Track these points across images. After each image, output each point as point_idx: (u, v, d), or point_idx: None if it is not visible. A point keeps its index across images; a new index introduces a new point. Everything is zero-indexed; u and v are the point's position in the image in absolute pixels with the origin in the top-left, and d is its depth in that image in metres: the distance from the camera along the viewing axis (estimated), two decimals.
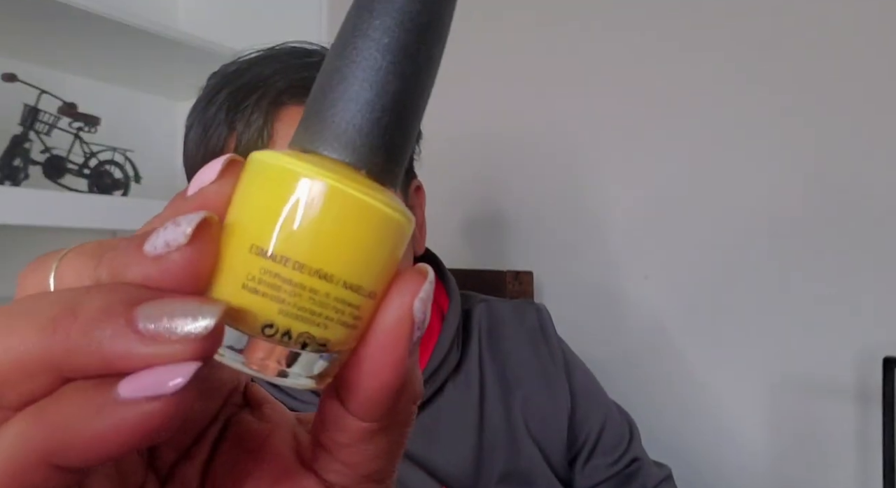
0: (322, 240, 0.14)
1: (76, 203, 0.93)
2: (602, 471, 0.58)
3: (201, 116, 0.50)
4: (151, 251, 0.13)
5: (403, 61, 0.15)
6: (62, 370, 0.12)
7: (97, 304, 0.12)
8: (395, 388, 0.15)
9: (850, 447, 0.71)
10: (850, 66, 0.73)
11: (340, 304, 0.14)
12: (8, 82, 0.93)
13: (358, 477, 0.17)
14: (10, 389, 0.13)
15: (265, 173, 0.14)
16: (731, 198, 0.81)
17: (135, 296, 0.13)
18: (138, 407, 0.12)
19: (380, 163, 0.15)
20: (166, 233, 0.13)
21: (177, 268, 0.13)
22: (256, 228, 0.14)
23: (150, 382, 0.12)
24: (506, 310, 0.63)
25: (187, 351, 0.12)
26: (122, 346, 0.12)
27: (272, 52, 0.51)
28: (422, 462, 0.51)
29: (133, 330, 0.12)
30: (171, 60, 1.14)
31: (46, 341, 0.12)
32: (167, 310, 0.12)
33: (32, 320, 0.12)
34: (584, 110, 0.94)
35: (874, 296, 0.70)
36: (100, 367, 0.12)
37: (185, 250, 0.13)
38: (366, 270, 0.15)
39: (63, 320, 0.12)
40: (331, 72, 0.16)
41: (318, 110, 0.15)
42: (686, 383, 0.84)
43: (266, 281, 0.14)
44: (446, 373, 0.55)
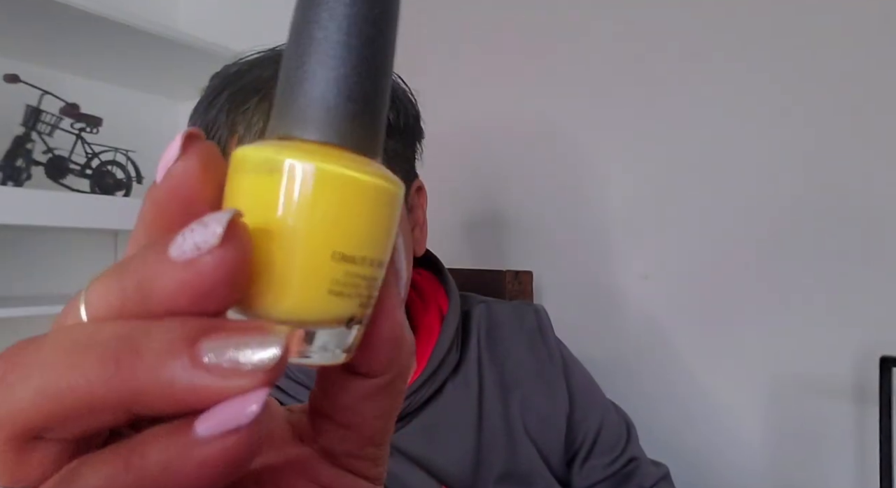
0: (372, 230, 0.15)
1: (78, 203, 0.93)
2: (599, 471, 0.59)
3: (202, 118, 0.50)
4: (180, 256, 0.13)
5: (362, 33, 0.15)
6: (127, 406, 0.12)
7: (160, 341, 0.12)
8: (399, 336, 0.16)
9: (848, 446, 0.71)
10: (849, 67, 0.73)
11: (379, 282, 0.16)
12: (10, 83, 0.94)
13: (360, 439, 0.18)
14: (70, 425, 0.13)
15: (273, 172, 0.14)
16: (731, 198, 0.81)
17: (195, 330, 0.13)
18: (219, 443, 0.12)
19: (362, 136, 0.16)
20: (194, 235, 0.13)
21: (212, 271, 0.13)
22: (328, 233, 0.14)
23: (226, 417, 0.12)
24: (504, 311, 0.63)
25: (256, 382, 0.12)
26: (190, 383, 0.12)
27: (273, 54, 0.52)
28: (421, 461, 0.52)
29: (198, 366, 0.12)
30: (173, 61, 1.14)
31: (112, 381, 0.12)
32: (231, 343, 0.12)
33: (90, 354, 0.12)
34: (583, 111, 0.94)
35: (871, 295, 0.71)
36: (167, 404, 0.12)
37: (216, 252, 0.13)
38: (388, 247, 0.16)
39: (126, 358, 0.12)
40: (293, 52, 0.16)
41: (288, 96, 0.16)
42: (684, 382, 0.84)
43: (350, 282, 0.14)
44: (445, 374, 0.55)
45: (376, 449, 0.18)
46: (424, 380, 0.53)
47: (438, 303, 0.60)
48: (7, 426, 0.13)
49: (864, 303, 0.71)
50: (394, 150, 0.52)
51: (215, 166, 0.15)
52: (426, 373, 0.53)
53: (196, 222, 0.13)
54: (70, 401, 0.12)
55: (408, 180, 0.55)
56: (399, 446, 0.51)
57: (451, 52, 1.09)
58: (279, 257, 0.14)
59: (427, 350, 0.55)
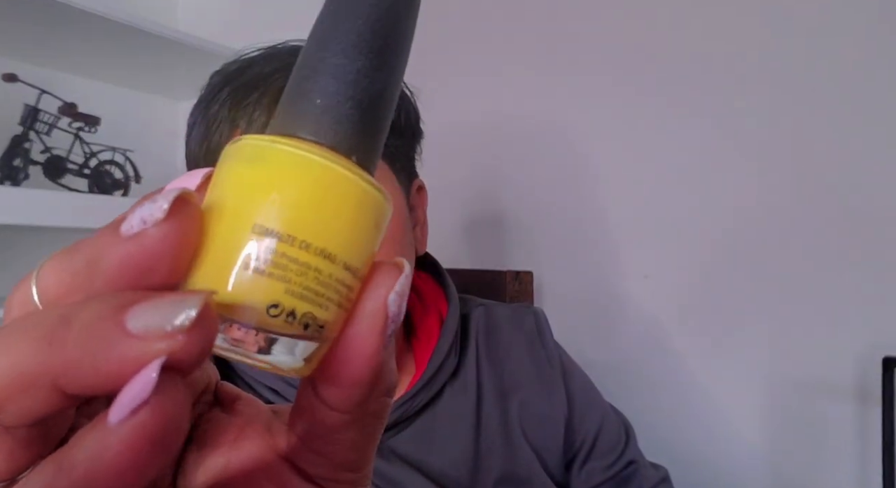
0: (323, 219, 0.14)
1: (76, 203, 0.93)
2: (598, 474, 0.58)
3: (204, 114, 0.50)
4: (128, 230, 0.13)
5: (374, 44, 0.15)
6: (59, 383, 0.12)
7: (91, 313, 0.12)
8: (368, 380, 0.15)
9: (850, 447, 0.71)
10: (848, 66, 0.73)
11: (339, 285, 0.14)
12: (8, 82, 0.94)
13: (333, 466, 0.17)
14: (10, 406, 0.12)
15: (257, 156, 0.14)
16: (731, 198, 0.81)
17: (125, 300, 0.12)
18: (130, 423, 0.12)
19: (360, 145, 0.15)
20: (142, 210, 0.13)
21: (155, 243, 0.13)
22: (256, 208, 0.14)
23: (130, 395, 0.12)
24: (503, 314, 0.63)
25: (179, 345, 0.12)
26: (115, 351, 0.12)
27: (274, 51, 0.52)
28: (420, 466, 0.51)
29: (123, 331, 0.12)
30: (172, 60, 1.14)
31: (42, 355, 0.12)
32: (155, 307, 0.12)
33: (28, 335, 0.12)
34: (583, 111, 0.94)
35: (874, 296, 0.70)
36: (95, 375, 0.12)
37: (162, 225, 0.13)
38: (360, 251, 0.15)
39: (58, 331, 0.12)
40: (306, 60, 0.16)
41: (295, 101, 0.15)
42: (685, 383, 0.84)
43: (271, 260, 0.13)
44: (444, 378, 0.55)
45: (352, 475, 0.17)
46: (423, 385, 0.53)
47: (438, 307, 0.59)
48: None
49: (867, 303, 0.71)
50: (395, 148, 0.52)
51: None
52: (425, 378, 0.53)
53: (146, 198, 0.13)
54: (4, 380, 0.12)
55: (408, 179, 0.55)
56: (397, 450, 0.51)
57: (451, 52, 1.09)
58: (208, 234, 0.14)
59: (426, 354, 0.55)
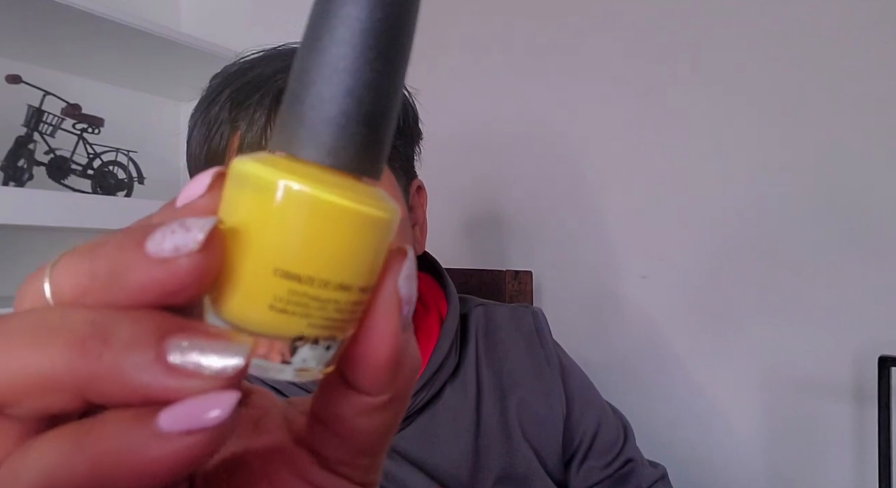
0: (339, 254, 0.14)
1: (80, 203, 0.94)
2: (597, 473, 0.59)
3: (204, 116, 0.50)
4: (157, 253, 0.13)
5: (372, 55, 0.15)
6: (83, 391, 0.12)
7: (128, 333, 0.12)
8: (393, 361, 0.16)
9: (846, 446, 0.71)
10: (847, 66, 0.73)
11: (355, 306, 0.15)
12: (12, 84, 0.94)
13: (353, 450, 0.18)
14: (27, 402, 0.13)
15: (265, 191, 0.14)
16: (729, 198, 0.81)
17: (164, 327, 0.13)
18: (180, 440, 0.12)
19: (369, 162, 0.15)
20: (175, 237, 0.13)
21: (184, 273, 0.13)
22: (275, 249, 0.14)
23: (190, 415, 0.12)
24: (502, 314, 0.64)
25: (216, 387, 0.12)
26: (151, 379, 0.12)
27: (274, 53, 0.52)
28: (420, 463, 0.52)
29: (162, 363, 0.12)
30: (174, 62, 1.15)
31: (75, 363, 0.12)
32: (197, 346, 0.13)
33: (58, 337, 0.12)
34: (583, 111, 0.95)
35: (870, 295, 0.71)
36: (124, 395, 0.12)
37: (195, 257, 0.13)
38: (371, 272, 0.15)
39: (92, 344, 0.12)
40: (301, 70, 0.16)
41: (292, 111, 0.15)
42: (682, 382, 0.84)
43: (294, 300, 0.14)
44: (444, 377, 0.55)
45: (370, 460, 0.18)
46: (423, 383, 0.53)
47: (438, 307, 0.60)
48: None
49: (863, 302, 0.71)
50: (395, 148, 0.53)
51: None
52: (425, 377, 0.53)
53: (177, 222, 0.13)
54: (28, 379, 0.12)
55: (408, 179, 0.56)
56: (398, 448, 0.52)
57: (450, 53, 1.10)
58: (234, 265, 0.14)
59: (426, 353, 0.55)
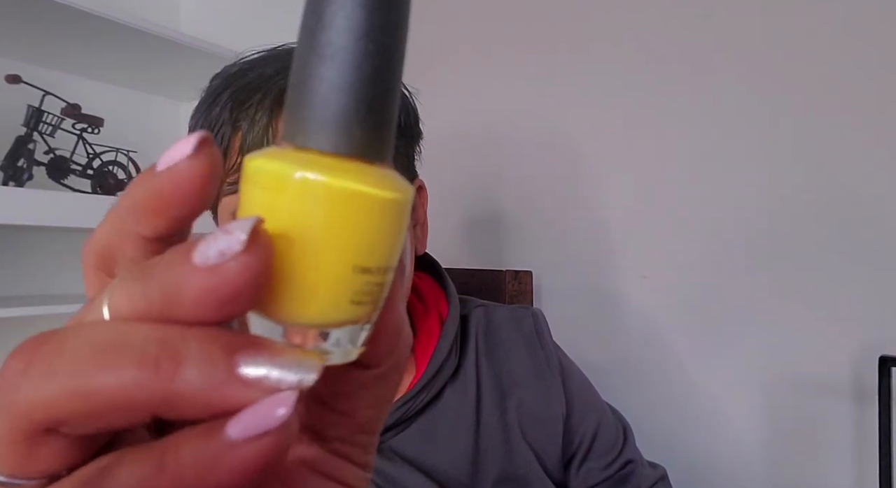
0: (386, 240, 0.15)
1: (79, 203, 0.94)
2: (596, 474, 0.59)
3: (205, 117, 0.50)
4: (204, 262, 0.13)
5: (372, 38, 0.15)
6: (156, 410, 0.13)
7: (198, 349, 0.13)
8: (398, 330, 0.17)
9: (847, 446, 0.71)
10: (848, 66, 0.73)
11: (389, 284, 0.16)
12: (12, 83, 0.94)
13: (352, 426, 0.18)
14: (91, 423, 0.13)
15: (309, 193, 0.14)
16: (729, 198, 0.81)
17: (234, 342, 0.13)
18: (252, 445, 0.13)
19: (382, 147, 0.16)
20: (218, 242, 0.13)
21: (236, 276, 0.13)
22: (348, 247, 0.15)
23: (257, 420, 0.13)
24: (502, 315, 0.64)
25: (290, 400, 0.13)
26: (226, 394, 0.13)
27: (274, 53, 0.52)
28: (420, 465, 0.52)
29: (235, 378, 0.13)
30: (174, 62, 1.15)
31: (150, 383, 0.12)
32: (269, 362, 0.13)
33: (131, 358, 0.13)
34: (583, 112, 0.95)
35: (870, 295, 0.71)
36: (195, 411, 0.13)
37: (241, 258, 0.13)
38: (399, 252, 0.16)
39: (165, 363, 0.12)
40: (301, 58, 0.16)
41: (296, 101, 0.16)
42: (682, 382, 0.84)
43: (367, 291, 0.15)
44: (444, 379, 0.55)
45: (367, 437, 0.19)
46: (424, 385, 0.53)
47: (438, 308, 0.60)
48: (24, 419, 0.13)
49: (863, 302, 0.71)
50: (395, 149, 0.52)
51: (217, 176, 0.15)
52: (425, 378, 0.53)
53: (219, 229, 0.14)
54: (99, 400, 0.12)
55: (408, 179, 0.56)
56: (398, 449, 0.52)
57: (450, 53, 1.10)
58: (302, 268, 0.15)
59: (427, 354, 0.55)
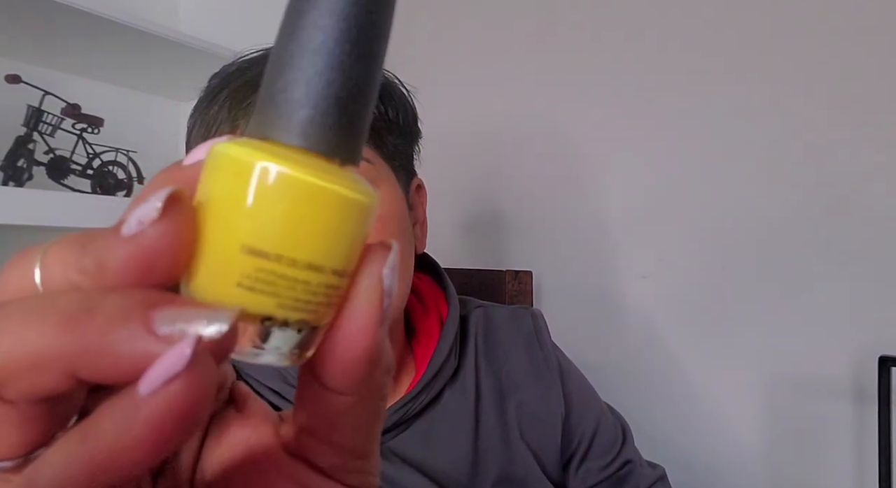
0: (308, 233, 0.14)
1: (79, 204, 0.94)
2: (595, 474, 0.59)
3: (204, 116, 0.50)
4: (127, 231, 0.14)
5: (342, 37, 0.15)
6: (74, 367, 0.13)
7: (115, 306, 0.13)
8: (369, 357, 0.16)
9: (846, 446, 0.71)
10: (850, 66, 0.73)
11: (329, 289, 0.15)
12: (12, 83, 0.94)
13: (341, 453, 0.18)
14: (16, 382, 0.13)
15: (237, 169, 0.14)
16: (730, 198, 0.81)
17: (151, 300, 0.13)
18: (161, 395, 0.12)
19: (343, 145, 0.15)
20: (138, 211, 0.14)
21: (153, 243, 0.13)
22: (244, 226, 0.14)
23: (162, 368, 0.12)
24: (502, 315, 0.64)
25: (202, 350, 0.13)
26: (139, 347, 0.12)
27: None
28: (420, 466, 0.52)
29: (149, 332, 0.13)
30: (174, 62, 1.15)
31: (63, 338, 0.12)
32: (184, 314, 0.13)
33: (49, 316, 0.13)
34: (582, 111, 0.95)
35: (870, 295, 0.71)
36: (113, 366, 0.13)
37: (157, 225, 0.13)
38: (347, 255, 0.15)
39: (81, 319, 0.13)
40: (274, 57, 0.15)
41: (267, 96, 0.15)
42: (682, 382, 0.84)
43: (261, 278, 0.14)
44: (444, 380, 0.55)
45: (362, 462, 0.18)
46: (423, 386, 0.53)
47: (438, 309, 0.60)
48: None
49: (863, 302, 0.71)
50: (395, 147, 0.53)
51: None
52: (425, 379, 0.53)
53: (140, 199, 0.14)
54: (18, 356, 0.13)
55: (408, 178, 0.56)
56: (397, 451, 0.52)
57: (450, 52, 1.10)
58: (204, 244, 0.14)
59: (426, 355, 0.55)
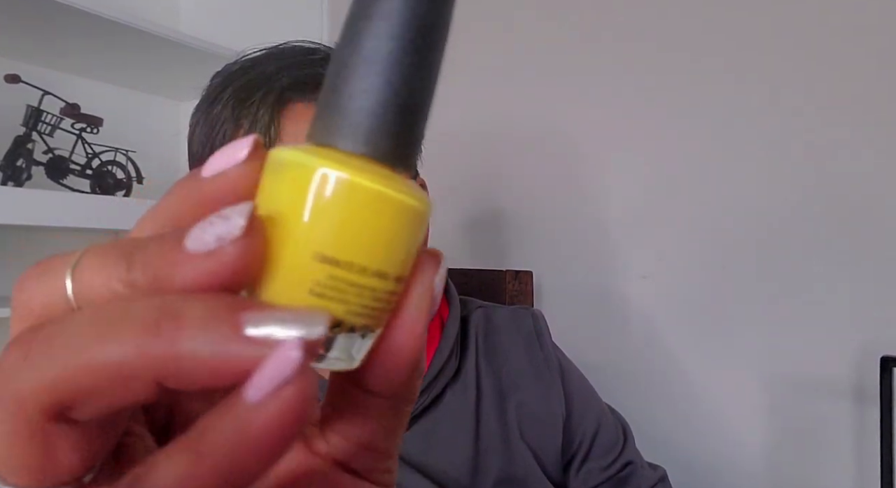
0: (378, 241, 0.14)
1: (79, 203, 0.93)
2: (596, 475, 0.59)
3: (206, 114, 0.50)
4: (200, 247, 0.13)
5: (410, 47, 0.15)
6: (162, 376, 0.12)
7: (201, 310, 0.12)
8: (416, 363, 0.16)
9: (848, 446, 0.71)
10: (850, 66, 0.73)
11: (390, 295, 0.15)
12: (11, 83, 0.94)
13: (374, 455, 0.18)
14: (96, 399, 0.12)
15: (307, 177, 0.14)
16: (730, 198, 0.81)
17: (236, 303, 0.12)
18: (275, 401, 0.12)
19: (403, 154, 0.16)
20: (215, 227, 0.13)
21: (235, 260, 0.13)
22: (316, 234, 0.14)
23: (272, 374, 0.12)
24: (502, 316, 0.63)
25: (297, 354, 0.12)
26: (233, 350, 0.12)
27: (275, 51, 0.52)
28: (420, 466, 0.52)
29: (240, 335, 0.12)
30: (173, 61, 1.14)
31: (150, 346, 0.12)
32: (275, 317, 0.12)
33: (130, 325, 0.12)
34: (583, 111, 0.94)
35: (871, 295, 0.71)
36: (206, 372, 0.12)
37: (239, 243, 0.13)
38: (406, 261, 0.16)
39: (167, 325, 0.12)
40: (339, 64, 0.16)
41: (331, 103, 0.15)
42: (683, 382, 0.84)
43: (333, 285, 0.14)
44: (445, 381, 0.55)
45: (390, 461, 0.18)
46: (425, 387, 0.53)
47: (439, 311, 0.60)
48: (31, 404, 0.12)
49: (865, 302, 0.71)
50: None
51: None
52: (426, 380, 0.53)
53: (215, 215, 0.13)
54: (105, 372, 0.12)
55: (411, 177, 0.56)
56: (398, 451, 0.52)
57: (452, 51, 1.09)
58: (274, 253, 0.14)
59: (428, 356, 0.55)
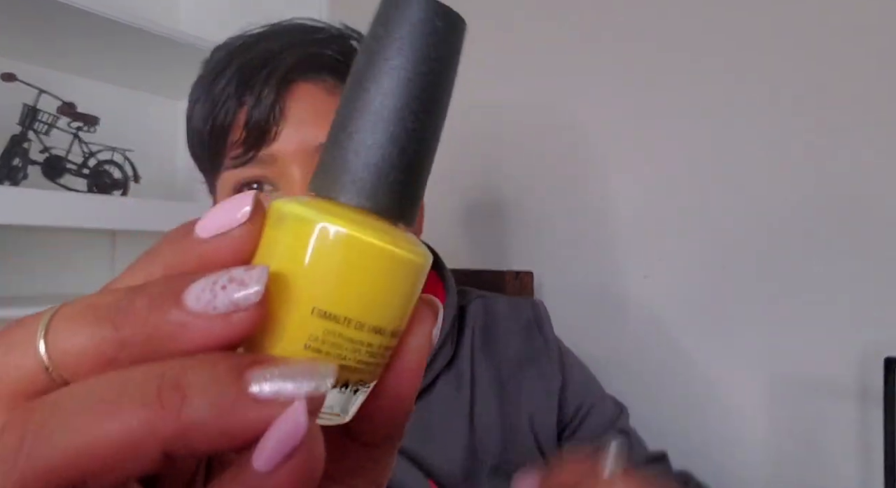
0: (377, 297, 0.14)
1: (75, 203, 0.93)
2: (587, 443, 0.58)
3: (208, 91, 0.49)
4: (208, 310, 0.12)
5: (415, 105, 0.16)
6: (170, 447, 0.12)
7: (205, 376, 0.12)
8: (409, 412, 0.16)
9: (851, 447, 0.71)
10: (851, 66, 0.73)
11: (386, 350, 0.15)
12: (7, 82, 0.93)
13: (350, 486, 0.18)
14: (107, 476, 0.12)
15: (307, 232, 0.14)
16: (732, 197, 0.80)
17: (239, 362, 0.12)
18: (282, 472, 0.12)
19: (405, 209, 0.16)
20: (227, 292, 0.13)
21: (247, 326, 0.13)
22: (316, 289, 0.14)
23: (278, 442, 0.12)
24: (502, 306, 0.63)
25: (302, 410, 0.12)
26: (240, 414, 0.12)
27: (279, 27, 0.51)
28: (413, 457, 0.51)
29: (246, 397, 0.12)
30: (171, 60, 1.14)
31: (157, 421, 0.11)
32: (281, 373, 0.12)
33: (132, 399, 0.11)
34: (585, 111, 0.94)
35: (876, 295, 0.70)
36: (214, 441, 0.12)
37: (254, 310, 0.13)
38: (403, 315, 0.16)
39: (169, 395, 0.11)
40: (344, 118, 0.16)
41: (335, 157, 0.16)
42: (685, 383, 0.84)
43: (329, 340, 0.14)
44: (438, 369, 0.55)
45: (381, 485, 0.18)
46: None
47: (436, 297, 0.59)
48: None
49: (869, 303, 0.71)
50: None
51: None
52: None
53: (225, 277, 0.13)
54: (110, 452, 0.11)
55: None
56: None
57: None
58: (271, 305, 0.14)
59: None
